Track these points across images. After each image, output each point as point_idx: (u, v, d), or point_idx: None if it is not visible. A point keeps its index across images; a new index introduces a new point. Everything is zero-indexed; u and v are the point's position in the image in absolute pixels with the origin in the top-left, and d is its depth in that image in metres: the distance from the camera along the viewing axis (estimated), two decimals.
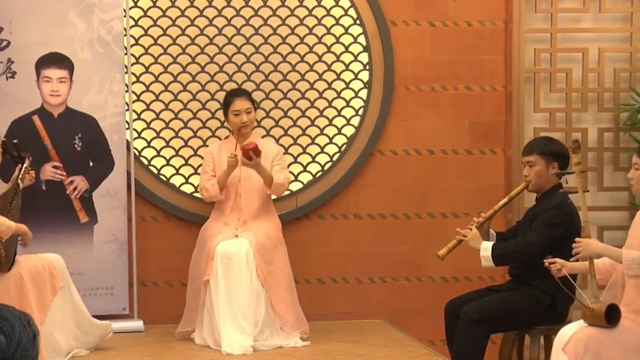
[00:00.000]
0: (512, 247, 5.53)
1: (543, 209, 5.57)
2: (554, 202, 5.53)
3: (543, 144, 5.69)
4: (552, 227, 5.46)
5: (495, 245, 5.54)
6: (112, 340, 6.12)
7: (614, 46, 7.14)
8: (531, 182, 5.66)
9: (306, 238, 6.98)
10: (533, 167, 5.64)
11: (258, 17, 6.95)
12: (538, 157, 5.63)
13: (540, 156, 5.62)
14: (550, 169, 5.60)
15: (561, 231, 5.43)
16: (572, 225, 5.48)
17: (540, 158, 5.62)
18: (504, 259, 5.56)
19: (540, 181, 5.64)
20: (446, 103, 7.09)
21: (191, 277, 6.40)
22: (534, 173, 5.63)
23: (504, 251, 5.51)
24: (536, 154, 5.63)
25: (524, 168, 5.71)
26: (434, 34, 7.07)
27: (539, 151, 5.63)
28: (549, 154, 5.62)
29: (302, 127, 7.01)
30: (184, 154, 6.93)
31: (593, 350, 4.64)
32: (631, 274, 4.67)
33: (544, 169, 5.62)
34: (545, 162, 5.61)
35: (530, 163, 5.65)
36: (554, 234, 5.43)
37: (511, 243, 5.58)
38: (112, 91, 6.62)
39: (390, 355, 5.92)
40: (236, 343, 5.95)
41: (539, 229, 5.49)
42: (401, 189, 7.07)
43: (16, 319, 2.31)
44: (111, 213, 6.61)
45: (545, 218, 5.50)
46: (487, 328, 5.46)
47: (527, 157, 5.68)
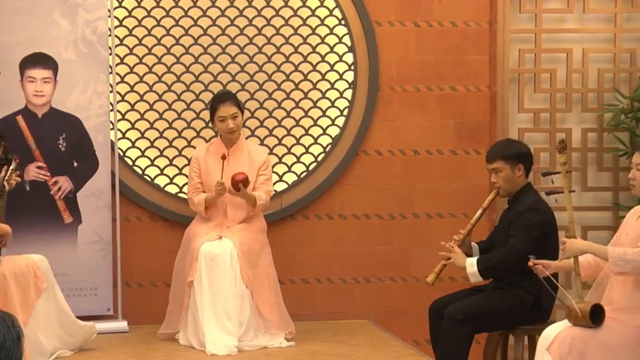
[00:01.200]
0: (496, 257, 5.53)
1: (517, 212, 5.56)
2: (527, 204, 5.53)
3: (504, 148, 5.68)
4: (530, 229, 5.46)
5: (480, 260, 5.55)
6: (96, 340, 6.09)
7: (598, 46, 7.17)
8: (501, 188, 5.66)
9: (291, 239, 6.98)
10: (499, 173, 5.62)
11: (243, 18, 6.95)
12: (502, 162, 5.61)
13: (504, 161, 5.61)
14: (516, 172, 5.60)
15: (539, 231, 5.45)
16: (549, 223, 5.50)
17: (504, 163, 5.61)
18: (491, 271, 5.55)
19: (509, 185, 5.64)
20: (431, 104, 7.10)
21: (175, 277, 6.38)
22: (502, 179, 5.63)
23: (489, 264, 5.51)
24: (500, 160, 5.62)
25: (491, 175, 5.70)
26: (419, 35, 7.08)
27: (502, 156, 5.62)
28: (512, 157, 5.60)
29: (287, 128, 7.00)
30: (169, 154, 6.92)
31: (578, 350, 4.66)
32: (617, 270, 4.69)
33: (510, 173, 5.61)
34: (510, 165, 5.60)
35: (495, 169, 5.64)
36: (533, 235, 5.44)
37: (494, 254, 5.58)
38: (97, 92, 6.60)
39: (375, 356, 5.92)
40: (220, 344, 5.94)
41: (518, 234, 5.49)
42: (386, 189, 7.07)
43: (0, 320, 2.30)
44: (95, 213, 6.60)
45: (521, 221, 5.50)
46: (471, 329, 5.46)
47: (491, 164, 5.66)
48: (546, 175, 5.44)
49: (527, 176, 5.65)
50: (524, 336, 5.63)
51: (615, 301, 4.78)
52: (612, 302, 4.78)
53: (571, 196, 5.00)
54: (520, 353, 5.55)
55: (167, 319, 6.37)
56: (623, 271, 4.65)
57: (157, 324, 6.45)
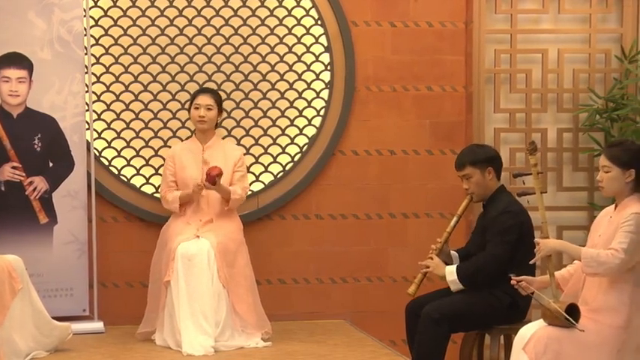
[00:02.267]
0: (474, 265, 5.55)
1: (492, 217, 5.58)
2: (500, 208, 5.56)
3: (472, 154, 5.70)
4: (505, 233, 5.48)
5: (459, 267, 5.57)
6: (71, 341, 6.08)
7: (574, 47, 7.20)
8: (474, 194, 5.68)
9: (267, 239, 6.97)
10: (470, 179, 5.65)
11: (219, 17, 6.94)
12: (471, 168, 5.64)
13: (473, 166, 5.63)
14: (487, 175, 5.63)
15: (515, 234, 5.47)
16: (524, 224, 5.53)
17: (474, 168, 5.63)
18: (472, 278, 5.55)
19: (481, 190, 5.66)
20: (407, 104, 7.12)
21: (152, 277, 6.37)
22: (473, 184, 5.65)
23: (468, 272, 5.53)
24: (469, 166, 5.64)
25: (463, 182, 5.72)
26: (395, 35, 7.09)
27: (471, 162, 5.64)
28: (481, 161, 5.63)
29: (263, 128, 7.00)
30: (145, 154, 6.91)
31: (553, 349, 4.68)
32: (590, 271, 4.72)
33: (481, 178, 5.64)
34: (480, 170, 5.63)
35: (465, 176, 5.66)
36: (509, 239, 5.47)
37: (472, 261, 5.60)
38: (72, 92, 6.58)
39: (352, 355, 5.93)
40: (197, 344, 5.93)
41: (493, 239, 5.52)
42: (362, 189, 7.08)
43: None
44: (71, 214, 6.57)
45: (496, 226, 5.52)
46: (448, 328, 5.48)
47: (460, 171, 5.68)
48: (517, 176, 5.47)
49: (498, 179, 5.67)
50: (500, 335, 5.65)
51: (591, 301, 4.81)
52: (588, 302, 4.81)
53: (543, 197, 5.02)
54: (496, 353, 5.57)
55: (145, 319, 6.36)
56: (596, 272, 4.68)
57: (133, 324, 6.44)
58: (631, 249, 4.64)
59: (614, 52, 7.18)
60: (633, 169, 4.80)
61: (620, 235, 4.67)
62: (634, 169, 4.79)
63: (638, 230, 4.66)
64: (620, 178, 4.81)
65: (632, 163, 4.80)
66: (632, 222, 4.67)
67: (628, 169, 4.80)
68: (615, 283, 4.73)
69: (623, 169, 4.80)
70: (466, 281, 5.53)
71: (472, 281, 5.56)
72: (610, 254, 4.63)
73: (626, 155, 4.81)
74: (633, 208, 4.74)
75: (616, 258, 4.62)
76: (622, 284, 4.73)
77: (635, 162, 4.81)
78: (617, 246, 4.64)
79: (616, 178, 4.82)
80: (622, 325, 4.71)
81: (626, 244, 4.63)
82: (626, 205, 4.80)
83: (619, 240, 4.66)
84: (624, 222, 4.69)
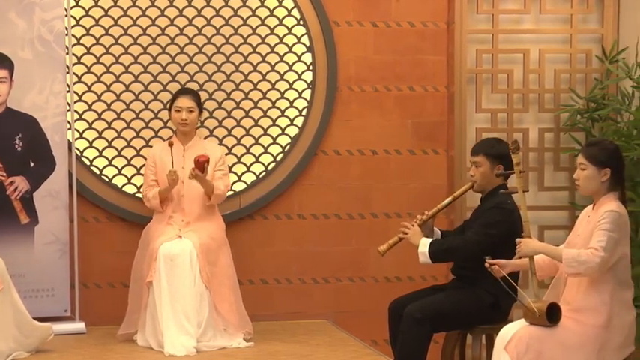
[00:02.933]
0: (448, 243, 5.59)
1: (484, 209, 5.62)
2: (494, 203, 5.58)
3: (490, 146, 5.73)
4: (489, 226, 5.50)
5: (433, 241, 5.58)
6: (53, 342, 6.06)
7: (555, 47, 7.23)
8: (476, 182, 5.71)
9: (249, 239, 6.97)
10: (479, 168, 5.68)
11: (201, 17, 6.93)
12: (484, 158, 5.67)
13: (486, 157, 5.67)
14: (495, 171, 5.65)
15: (499, 229, 5.48)
16: (512, 224, 5.53)
17: (486, 160, 5.67)
18: (441, 255, 5.57)
19: (485, 182, 5.69)
20: (389, 104, 7.13)
21: (133, 278, 6.37)
22: (479, 174, 5.68)
23: (441, 247, 5.55)
24: (482, 156, 5.67)
25: (471, 168, 5.75)
26: (377, 35, 7.10)
27: (485, 153, 5.67)
28: (495, 156, 5.65)
29: (245, 128, 7.00)
30: (127, 154, 6.89)
31: (535, 349, 4.70)
32: (571, 272, 4.74)
33: (489, 171, 5.66)
34: (491, 164, 5.66)
35: (476, 163, 5.70)
36: (491, 232, 5.48)
37: (449, 239, 5.64)
38: (54, 91, 6.56)
39: (334, 355, 5.94)
40: (179, 344, 5.93)
41: (477, 228, 5.55)
42: (344, 189, 7.09)
43: None
44: (52, 214, 6.55)
45: (484, 217, 5.56)
46: (430, 328, 5.48)
47: (474, 157, 5.72)
48: (500, 175, 5.51)
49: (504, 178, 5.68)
50: (482, 335, 5.66)
51: (572, 301, 4.83)
52: (569, 302, 4.84)
53: (525, 196, 5.04)
54: (478, 352, 5.58)
55: (126, 320, 6.36)
56: (577, 272, 4.71)
57: (115, 325, 6.43)
58: (609, 246, 4.67)
59: (595, 52, 7.21)
60: (609, 168, 4.82)
61: (598, 234, 4.70)
62: (609, 168, 4.82)
63: (615, 227, 4.70)
64: (596, 177, 4.84)
65: (607, 162, 4.83)
66: (608, 220, 4.70)
67: (603, 169, 4.82)
68: (596, 283, 4.76)
69: (598, 168, 4.83)
70: (434, 256, 5.52)
71: (440, 258, 5.58)
72: (590, 253, 4.65)
73: (603, 154, 4.84)
74: (608, 206, 4.77)
75: (596, 257, 4.64)
76: (602, 284, 4.75)
77: (611, 161, 4.84)
78: (596, 244, 4.67)
79: (592, 176, 4.85)
80: (603, 325, 4.73)
81: (604, 242, 4.66)
82: (602, 203, 4.83)
83: (597, 239, 4.68)
84: (600, 220, 4.72)
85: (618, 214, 4.73)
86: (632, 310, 4.85)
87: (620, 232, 4.73)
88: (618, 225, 4.72)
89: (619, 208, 4.76)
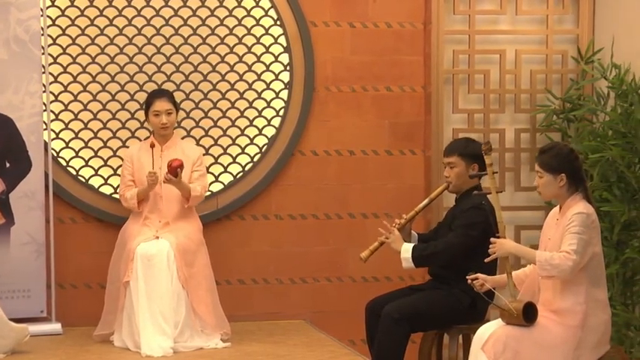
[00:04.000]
0: (432, 248, 5.59)
1: (462, 210, 5.63)
2: (472, 203, 5.60)
3: (464, 145, 5.75)
4: (470, 227, 5.52)
5: (416, 247, 5.59)
6: (29, 343, 6.04)
7: (531, 47, 7.25)
8: (452, 183, 5.72)
9: (227, 239, 6.96)
10: (453, 168, 5.69)
11: (177, 17, 6.91)
12: (459, 158, 5.68)
13: (461, 157, 5.68)
14: (470, 170, 5.66)
15: (479, 230, 5.49)
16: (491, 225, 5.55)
17: (461, 159, 5.68)
18: (425, 260, 5.61)
19: (460, 182, 5.70)
20: (366, 104, 7.13)
21: (110, 278, 6.35)
22: (454, 174, 5.69)
23: (424, 252, 5.56)
24: (457, 156, 5.69)
25: (445, 169, 5.76)
26: (354, 35, 7.11)
27: (460, 153, 5.69)
28: (469, 155, 5.67)
29: (223, 128, 6.99)
30: (103, 154, 6.87)
31: (512, 349, 4.73)
32: (544, 274, 4.77)
33: (464, 171, 5.67)
34: (466, 163, 5.67)
35: (450, 164, 5.70)
36: (472, 234, 5.50)
37: (431, 244, 5.64)
38: (29, 91, 6.53)
39: (311, 356, 5.94)
40: (156, 345, 5.92)
41: (458, 230, 5.56)
42: (322, 189, 7.09)
43: None
44: (28, 214, 6.52)
45: (463, 218, 5.57)
46: (408, 328, 5.50)
47: (447, 158, 5.73)
48: (474, 177, 5.53)
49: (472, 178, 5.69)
50: (459, 335, 5.68)
51: (548, 303, 4.86)
52: (546, 304, 4.86)
53: (498, 197, 5.05)
54: (455, 352, 5.60)
55: (103, 320, 6.34)
56: (550, 274, 4.74)
57: (91, 326, 6.41)
58: (580, 249, 4.70)
59: (571, 53, 7.25)
60: (564, 173, 4.84)
61: (568, 237, 4.73)
62: (564, 173, 4.84)
63: (584, 229, 4.73)
64: (553, 183, 4.87)
65: (561, 168, 4.85)
66: (576, 222, 4.74)
67: (559, 174, 4.85)
68: (570, 285, 4.78)
69: (554, 175, 4.86)
70: (418, 261, 5.56)
71: (424, 263, 5.62)
72: (563, 256, 4.68)
73: (555, 161, 4.86)
74: (575, 208, 4.80)
75: (569, 260, 4.67)
76: (577, 286, 4.78)
77: (565, 166, 4.86)
78: (568, 248, 4.70)
79: (549, 183, 4.88)
80: (579, 325, 4.76)
81: (575, 245, 4.69)
82: (568, 206, 4.85)
83: (568, 242, 4.71)
84: (569, 224, 4.75)
85: (586, 215, 4.76)
86: (607, 309, 4.89)
87: (590, 233, 4.76)
88: (587, 226, 4.75)
89: (586, 209, 4.79)
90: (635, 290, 6.55)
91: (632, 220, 6.47)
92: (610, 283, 6.20)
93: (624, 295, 6.53)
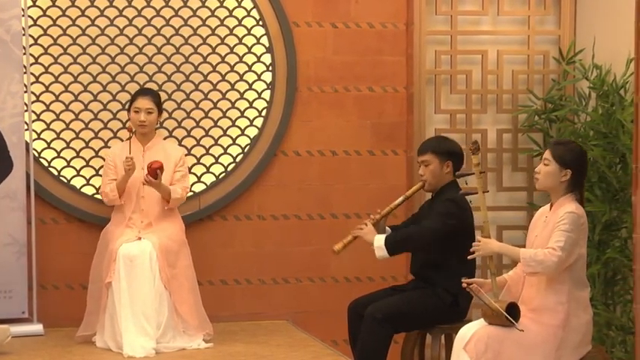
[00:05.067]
0: (405, 233, 5.60)
1: (438, 202, 5.65)
2: (448, 196, 5.61)
3: (437, 143, 5.78)
4: (447, 216, 5.53)
5: (388, 236, 5.59)
6: (10, 344, 6.01)
7: (513, 48, 7.27)
8: (427, 181, 5.73)
9: (209, 240, 6.96)
10: (428, 166, 5.71)
11: (160, 18, 6.90)
12: (432, 155, 5.70)
13: (434, 155, 5.70)
14: (444, 168, 5.69)
15: (456, 220, 5.51)
16: (464, 221, 5.58)
17: (434, 157, 5.69)
18: (398, 246, 5.55)
19: (435, 180, 5.71)
20: (348, 104, 7.14)
21: (92, 279, 6.33)
22: (429, 172, 5.71)
23: (397, 238, 5.55)
24: (430, 153, 5.70)
25: (420, 167, 5.77)
26: (336, 36, 7.11)
27: (433, 150, 5.71)
28: (443, 152, 5.70)
29: (205, 129, 6.98)
30: (85, 155, 6.85)
31: (494, 348, 4.74)
32: (529, 271, 4.80)
33: (438, 168, 5.69)
34: (439, 160, 5.69)
35: (424, 162, 5.72)
36: (448, 222, 5.51)
37: (403, 230, 5.66)
38: (11, 92, 6.50)
39: (294, 356, 5.94)
40: (138, 346, 5.91)
41: (433, 217, 5.56)
42: (304, 190, 7.09)
43: None
44: (10, 215, 6.50)
45: (441, 207, 5.58)
46: (391, 328, 5.51)
47: (421, 156, 5.74)
48: (460, 176, 5.55)
49: (454, 175, 5.72)
50: (441, 335, 5.69)
51: (529, 301, 4.88)
52: (527, 302, 4.88)
53: (485, 197, 5.07)
54: (437, 352, 5.61)
55: (85, 321, 6.33)
56: (535, 271, 4.76)
57: (73, 327, 6.39)
58: (567, 247, 4.72)
59: (553, 53, 7.27)
60: (570, 169, 4.87)
61: (557, 234, 4.75)
62: (570, 170, 4.87)
63: (574, 228, 4.75)
64: (557, 174, 4.89)
65: (571, 163, 4.88)
66: (567, 220, 4.76)
67: (565, 169, 4.88)
68: (553, 284, 4.80)
69: (561, 167, 4.88)
70: (391, 247, 5.52)
71: (398, 248, 5.56)
72: (548, 253, 4.70)
73: (568, 155, 4.89)
74: (567, 207, 4.82)
75: (554, 256, 4.69)
76: (560, 285, 4.80)
77: (575, 163, 4.89)
78: (554, 244, 4.72)
79: (552, 173, 4.90)
80: (560, 325, 4.78)
81: (562, 242, 4.71)
82: (560, 204, 4.87)
83: (556, 239, 4.73)
84: (559, 221, 4.77)
85: (577, 216, 4.78)
86: (589, 309, 4.91)
87: (579, 233, 4.79)
88: (577, 226, 4.77)
89: (578, 210, 4.81)
90: (617, 290, 6.58)
91: (613, 220, 6.50)
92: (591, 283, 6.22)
93: (605, 295, 6.56)
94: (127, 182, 6.28)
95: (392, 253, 5.55)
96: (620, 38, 6.59)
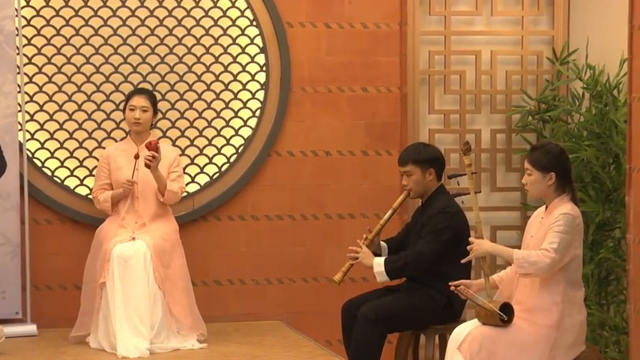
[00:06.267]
0: (403, 259, 5.59)
1: (429, 216, 5.63)
2: (438, 207, 5.60)
3: (417, 152, 5.74)
4: (439, 233, 5.53)
5: (387, 260, 5.59)
6: (4, 345, 6.01)
7: (506, 48, 7.29)
8: (411, 190, 5.72)
9: (203, 240, 6.95)
10: (410, 176, 5.69)
11: (154, 18, 6.90)
12: (413, 166, 5.67)
13: (415, 165, 5.67)
14: (427, 176, 5.67)
15: (448, 234, 5.52)
16: (459, 227, 5.57)
17: (415, 167, 5.67)
18: (399, 273, 5.61)
19: (420, 188, 5.70)
20: (342, 105, 7.14)
21: (86, 279, 6.33)
22: (413, 182, 5.69)
23: (396, 265, 5.57)
24: (412, 164, 5.68)
25: (403, 177, 5.75)
26: (330, 36, 7.11)
27: (414, 160, 5.68)
28: (424, 161, 5.67)
29: (199, 129, 6.98)
30: (79, 155, 6.84)
31: (488, 349, 4.75)
32: (522, 272, 4.80)
33: (421, 177, 5.68)
34: (421, 169, 5.67)
35: (407, 172, 5.70)
36: (441, 239, 5.52)
37: (402, 255, 5.64)
38: (4, 92, 6.49)
39: (288, 356, 5.94)
40: (132, 346, 5.91)
41: (427, 237, 5.56)
42: (298, 190, 7.09)
43: None
44: (3, 216, 6.49)
45: (431, 225, 5.57)
46: (384, 329, 5.51)
47: (402, 167, 5.72)
48: (452, 177, 5.55)
49: (439, 180, 5.71)
50: (435, 335, 5.69)
51: (523, 301, 4.88)
52: (521, 303, 4.88)
53: (477, 197, 5.07)
54: (431, 352, 5.61)
55: (79, 322, 6.32)
56: (528, 272, 4.76)
57: (67, 327, 6.38)
58: (561, 248, 4.72)
59: (546, 53, 7.28)
60: (553, 172, 4.87)
61: (551, 236, 4.75)
62: (554, 172, 4.87)
63: (568, 230, 4.76)
64: (542, 181, 4.89)
65: (551, 166, 4.87)
66: (562, 222, 4.76)
67: (548, 173, 4.87)
68: (547, 284, 4.81)
69: (543, 173, 4.88)
70: (393, 274, 5.57)
71: (399, 275, 5.63)
72: (541, 254, 4.71)
73: (546, 159, 4.89)
74: (562, 208, 4.82)
75: (547, 257, 4.70)
76: (554, 285, 4.80)
77: (555, 165, 4.88)
78: (548, 246, 4.72)
79: (537, 181, 4.90)
80: (554, 325, 4.79)
81: (556, 243, 4.72)
82: (555, 206, 4.88)
83: (550, 240, 4.74)
84: (554, 222, 4.78)
85: (572, 217, 4.79)
86: (583, 309, 4.92)
87: (574, 234, 4.79)
88: (572, 227, 4.77)
89: (573, 211, 4.81)
90: (610, 290, 6.59)
91: (606, 220, 6.52)
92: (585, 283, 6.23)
93: (599, 295, 6.57)
94: (121, 198, 6.29)
95: (392, 279, 5.60)
96: (613, 38, 6.60)
